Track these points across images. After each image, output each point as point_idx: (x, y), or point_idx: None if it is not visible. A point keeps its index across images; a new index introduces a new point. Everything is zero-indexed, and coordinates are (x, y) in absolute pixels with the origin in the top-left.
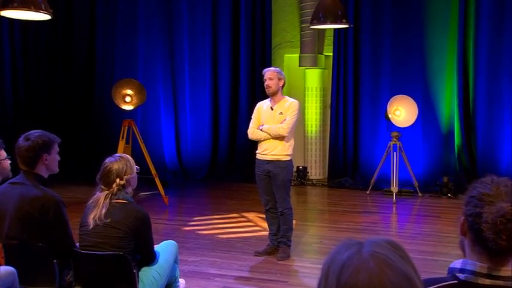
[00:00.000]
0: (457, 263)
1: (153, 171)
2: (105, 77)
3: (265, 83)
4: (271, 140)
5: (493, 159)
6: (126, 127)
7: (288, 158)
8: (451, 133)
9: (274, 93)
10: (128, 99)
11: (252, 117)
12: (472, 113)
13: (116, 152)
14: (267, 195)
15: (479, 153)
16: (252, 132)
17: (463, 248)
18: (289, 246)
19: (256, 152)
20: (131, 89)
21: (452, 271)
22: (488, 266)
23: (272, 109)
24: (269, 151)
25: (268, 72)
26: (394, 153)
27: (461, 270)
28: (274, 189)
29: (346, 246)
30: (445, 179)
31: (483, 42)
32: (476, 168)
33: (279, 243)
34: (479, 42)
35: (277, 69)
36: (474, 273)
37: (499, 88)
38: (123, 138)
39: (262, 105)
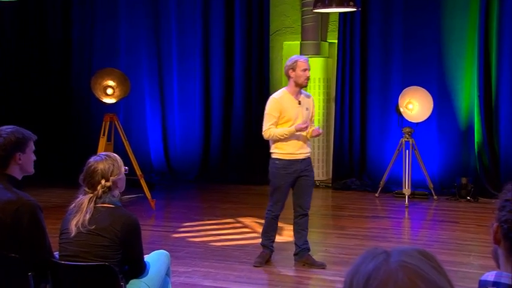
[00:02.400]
0: (490, 275)
1: (138, 172)
2: (82, 66)
3: (306, 74)
4: (303, 137)
5: None
6: (108, 122)
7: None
8: (470, 129)
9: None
10: (109, 91)
11: (269, 114)
12: (495, 106)
13: (96, 151)
14: (285, 199)
15: (502, 151)
16: (274, 133)
17: (497, 258)
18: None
19: (282, 152)
20: (113, 79)
21: (484, 284)
22: None
23: (300, 104)
24: (304, 149)
25: (308, 63)
26: (406, 151)
27: (495, 284)
28: (301, 190)
29: (372, 256)
30: (464, 180)
31: (508, 25)
32: (499, 168)
33: (302, 251)
34: (503, 24)
35: None
36: (510, 287)
37: None
38: (104, 135)
39: (283, 99)
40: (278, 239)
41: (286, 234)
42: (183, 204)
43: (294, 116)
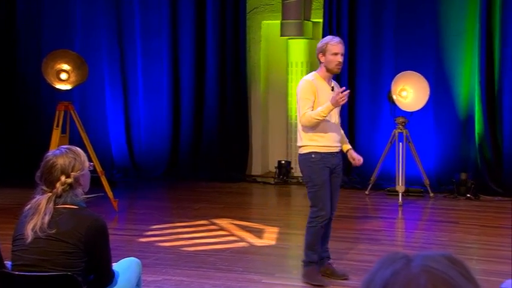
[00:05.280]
0: (510, 283)
1: (98, 168)
2: (30, 47)
3: (337, 58)
4: (335, 126)
5: None
6: (62, 112)
7: None
8: (470, 118)
9: None
10: (63, 76)
11: (304, 98)
12: (498, 93)
13: (48, 144)
14: (330, 197)
15: (505, 144)
16: (309, 115)
17: None
18: None
19: (318, 144)
20: (67, 63)
21: None
22: None
23: (333, 90)
24: (337, 142)
25: (341, 46)
26: (400, 143)
27: None
28: (334, 189)
29: (391, 261)
30: (463, 176)
31: None
32: (502, 163)
33: (322, 259)
34: (508, 1)
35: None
36: None
37: None
38: (57, 126)
39: (316, 83)
40: (258, 242)
41: (267, 237)
42: (149, 205)
43: (324, 102)
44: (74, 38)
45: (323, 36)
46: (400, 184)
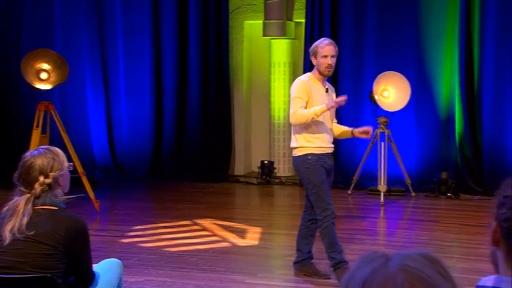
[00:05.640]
0: (488, 281)
1: (79, 169)
2: (9, 46)
3: (327, 61)
4: (329, 130)
5: (503, 150)
6: (42, 112)
7: None
8: (451, 118)
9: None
10: (43, 75)
11: (297, 97)
12: (477, 93)
13: (28, 145)
14: (331, 196)
15: (485, 143)
16: (300, 114)
17: (495, 262)
18: None
19: (313, 145)
20: (47, 62)
21: None
22: None
23: (327, 92)
24: (331, 143)
25: (332, 48)
26: (382, 143)
27: None
28: None
29: (369, 260)
30: (444, 175)
31: (492, 1)
32: (482, 162)
33: (306, 259)
34: (486, 0)
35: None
36: None
37: (510, 60)
38: (38, 126)
39: (310, 83)
40: (241, 242)
41: (250, 238)
42: (132, 205)
43: (320, 103)
44: (54, 38)
45: (305, 37)
46: (382, 184)
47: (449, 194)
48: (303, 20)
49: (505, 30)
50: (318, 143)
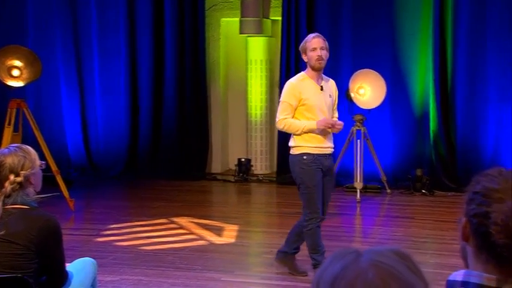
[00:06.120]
0: (458, 275)
1: (53, 167)
2: None
3: (316, 53)
4: (326, 130)
5: (476, 147)
6: (14, 110)
7: None
8: (425, 116)
9: (322, 69)
10: (15, 72)
11: (284, 101)
12: (451, 90)
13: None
14: (322, 198)
15: (458, 141)
16: (289, 124)
17: (465, 256)
18: None
19: (310, 145)
20: (19, 59)
21: (452, 284)
22: (497, 278)
23: (322, 89)
24: (330, 143)
25: (320, 40)
26: (358, 141)
27: (464, 284)
28: (326, 192)
29: (341, 256)
30: (419, 172)
31: (464, 1)
32: (456, 159)
33: (291, 254)
34: (459, 1)
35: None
36: (480, 286)
37: (482, 59)
38: (9, 124)
39: (302, 84)
40: (218, 240)
41: (226, 235)
42: (107, 204)
43: (318, 104)
44: (27, 35)
45: (282, 34)
46: (358, 181)
47: (423, 191)
48: (280, 18)
49: (478, 29)
50: (315, 143)
